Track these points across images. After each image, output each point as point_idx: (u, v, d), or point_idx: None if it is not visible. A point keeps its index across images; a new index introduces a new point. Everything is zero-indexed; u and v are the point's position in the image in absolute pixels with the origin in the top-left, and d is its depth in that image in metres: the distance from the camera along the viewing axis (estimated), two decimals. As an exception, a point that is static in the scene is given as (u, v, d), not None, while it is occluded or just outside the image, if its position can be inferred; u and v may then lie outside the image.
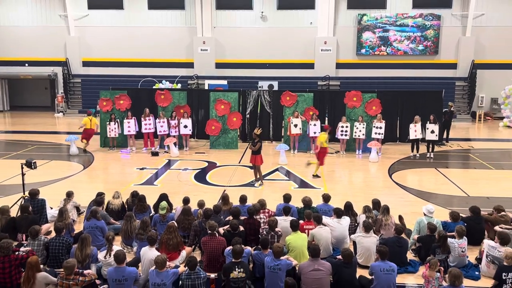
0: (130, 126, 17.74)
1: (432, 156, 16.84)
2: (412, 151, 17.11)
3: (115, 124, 17.76)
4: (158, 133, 17.87)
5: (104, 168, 15.77)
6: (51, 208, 10.37)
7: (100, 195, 9.93)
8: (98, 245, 8.24)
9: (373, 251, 7.91)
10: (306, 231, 8.66)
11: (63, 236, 8.22)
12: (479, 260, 8.22)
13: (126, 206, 10.20)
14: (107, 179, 14.64)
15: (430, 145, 16.94)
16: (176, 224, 8.48)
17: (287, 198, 9.70)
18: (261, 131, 13.77)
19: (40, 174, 13.52)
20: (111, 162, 16.44)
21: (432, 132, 16.69)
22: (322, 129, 15.20)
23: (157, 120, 17.82)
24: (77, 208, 10.43)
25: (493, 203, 10.12)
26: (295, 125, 17.51)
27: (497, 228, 8.65)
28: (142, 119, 17.74)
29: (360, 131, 17.26)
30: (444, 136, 19.58)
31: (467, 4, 28.07)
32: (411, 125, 16.90)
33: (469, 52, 28.36)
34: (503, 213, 9.24)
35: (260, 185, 13.18)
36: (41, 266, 7.36)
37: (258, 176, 13.35)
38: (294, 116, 17.61)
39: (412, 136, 16.90)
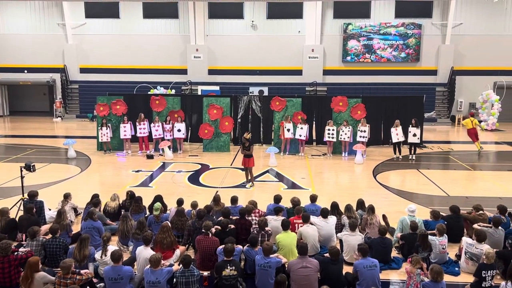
0: (126, 130, 17.64)
1: (414, 158, 16.94)
2: (395, 154, 17.22)
3: (107, 129, 17.65)
4: (153, 137, 17.78)
5: (101, 170, 15.65)
6: (50, 210, 10.27)
7: (96, 197, 9.86)
8: (95, 245, 8.17)
9: (358, 249, 7.93)
10: (296, 224, 8.71)
11: (59, 237, 8.12)
12: (458, 256, 8.27)
13: (122, 206, 10.11)
14: (103, 181, 14.53)
15: (412, 148, 17.04)
16: (169, 224, 8.44)
17: (277, 199, 9.70)
18: (250, 135, 13.76)
19: (38, 177, 13.40)
20: (108, 165, 16.34)
21: (414, 135, 16.74)
22: (472, 116, 19.82)
23: (152, 125, 17.74)
24: (75, 210, 10.35)
25: (472, 203, 10.23)
26: (288, 130, 17.56)
27: (475, 226, 8.71)
28: (137, 123, 17.65)
29: (345, 134, 17.32)
30: None
31: (446, 14, 28.38)
32: (392, 129, 17.00)
33: (448, 59, 28.66)
34: (481, 211, 9.31)
35: (251, 186, 13.18)
36: (40, 266, 7.29)
37: (249, 178, 13.34)
38: (287, 121, 17.66)
39: (394, 139, 17.00)
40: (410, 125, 16.82)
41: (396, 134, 16.88)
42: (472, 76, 28.55)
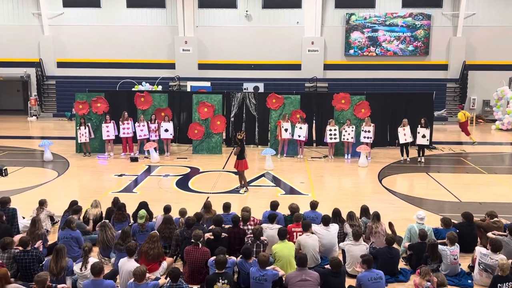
0: (109, 131, 17.55)
1: (423, 160, 16.97)
2: (402, 155, 17.24)
3: (85, 128, 17.55)
4: (138, 137, 17.73)
5: (80, 175, 15.58)
6: (23, 218, 10.20)
7: (74, 204, 9.80)
8: (74, 257, 8.11)
9: (362, 260, 7.92)
10: (295, 233, 8.69)
11: (31, 250, 8.00)
12: (471, 268, 8.28)
13: (104, 215, 10.05)
14: (83, 186, 14.47)
15: (421, 150, 17.03)
16: (158, 234, 8.40)
17: (274, 205, 9.67)
18: (244, 135, 13.74)
19: (11, 182, 13.35)
20: (87, 168, 16.27)
21: (423, 136, 16.73)
22: (462, 108, 23.07)
23: (137, 124, 17.68)
24: (51, 218, 10.27)
25: (486, 209, 10.26)
26: (285, 129, 17.55)
27: (490, 234, 8.73)
28: (120, 123, 17.57)
29: (349, 134, 17.33)
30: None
31: (457, 3, 28.51)
32: (400, 129, 16.98)
33: (460, 52, 28.79)
34: (496, 219, 9.34)
35: (245, 191, 13.17)
36: (12, 279, 7.23)
37: (242, 182, 13.34)
38: (284, 120, 17.65)
39: (401, 140, 17.01)
40: (419, 125, 16.84)
41: (404, 134, 16.89)
42: (486, 71, 28.69)
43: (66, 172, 15.60)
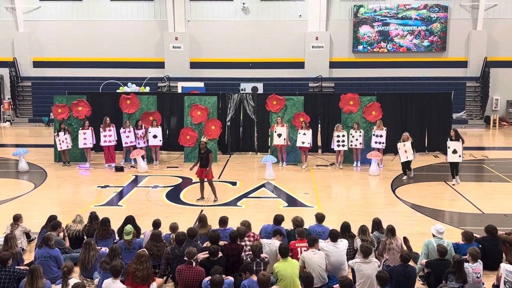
0: (86, 138, 17.44)
1: (459, 181, 15.28)
2: (405, 174, 16.01)
3: (65, 134, 17.49)
4: (124, 144, 17.69)
5: (59, 186, 15.60)
6: (-4, 235, 10.20)
7: (53, 219, 9.77)
8: (52, 278, 8.10)
9: (375, 279, 7.89)
10: (299, 249, 8.68)
11: (11, 267, 8.01)
12: (496, 287, 8.28)
13: (85, 231, 10.02)
14: (62, 199, 14.47)
15: (454, 169, 15.32)
16: (147, 254, 8.37)
17: (278, 220, 9.62)
18: (207, 140, 13.86)
19: (-18, 195, 13.33)
20: (68, 179, 16.25)
21: (455, 152, 15.08)
22: None
23: (122, 130, 17.64)
24: (27, 235, 10.28)
25: (512, 221, 10.27)
26: (279, 135, 17.50)
27: (516, 249, 8.73)
28: (101, 129, 17.43)
29: (357, 139, 17.27)
30: None
31: (477, -7, 28.63)
32: (399, 144, 15.90)
33: (481, 48, 28.80)
34: (523, 232, 9.36)
35: (200, 201, 13.28)
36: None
37: (203, 195, 13.45)
38: (279, 124, 17.60)
39: (402, 158, 15.79)
40: (448, 139, 15.46)
41: (405, 151, 15.75)
42: (510, 68, 28.75)
43: (44, 184, 15.58)
